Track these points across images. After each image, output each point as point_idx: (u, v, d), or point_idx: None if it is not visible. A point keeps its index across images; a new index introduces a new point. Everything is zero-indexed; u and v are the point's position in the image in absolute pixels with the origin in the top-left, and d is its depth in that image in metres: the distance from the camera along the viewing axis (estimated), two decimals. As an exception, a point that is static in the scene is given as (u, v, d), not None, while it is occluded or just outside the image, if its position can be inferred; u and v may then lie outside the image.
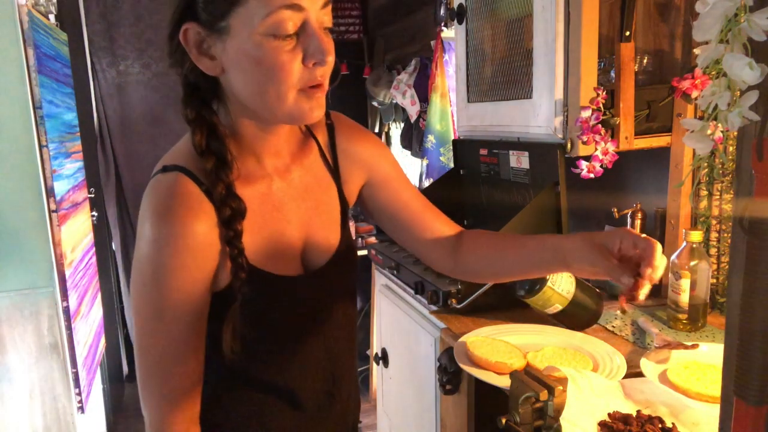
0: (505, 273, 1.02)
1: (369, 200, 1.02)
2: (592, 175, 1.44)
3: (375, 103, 3.54)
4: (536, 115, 1.51)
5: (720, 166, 1.32)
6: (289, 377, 0.92)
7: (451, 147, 2.19)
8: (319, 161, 0.95)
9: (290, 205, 0.89)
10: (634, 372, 1.11)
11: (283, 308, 0.88)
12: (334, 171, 0.96)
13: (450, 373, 1.32)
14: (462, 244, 1.03)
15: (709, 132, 0.61)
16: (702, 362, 1.08)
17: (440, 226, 1.03)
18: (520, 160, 1.65)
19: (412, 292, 1.63)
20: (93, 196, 2.78)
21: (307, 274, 0.91)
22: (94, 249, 2.64)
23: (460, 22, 1.89)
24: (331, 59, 0.77)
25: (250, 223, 0.83)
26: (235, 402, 0.91)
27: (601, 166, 1.43)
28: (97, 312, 2.58)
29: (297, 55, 0.76)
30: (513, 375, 0.91)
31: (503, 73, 1.69)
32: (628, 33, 1.43)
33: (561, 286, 1.29)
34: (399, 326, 1.78)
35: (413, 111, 3.05)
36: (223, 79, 0.81)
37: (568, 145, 1.44)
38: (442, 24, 2.63)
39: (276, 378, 0.91)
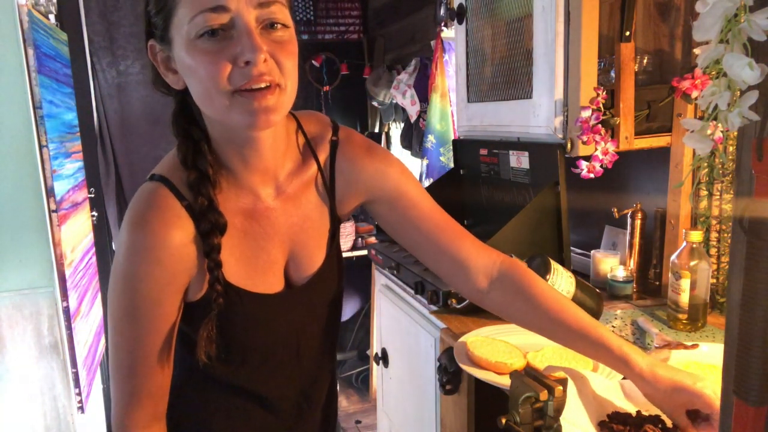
0: (540, 333, 0.97)
1: (380, 218, 0.99)
2: (592, 175, 1.44)
3: (375, 103, 3.54)
4: (536, 115, 1.51)
5: (720, 166, 1.32)
6: (257, 382, 0.93)
7: (451, 147, 2.19)
8: (315, 178, 0.92)
9: (275, 221, 0.88)
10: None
11: (257, 323, 0.89)
12: (330, 189, 0.94)
13: (450, 373, 1.31)
14: (501, 283, 0.96)
15: (709, 132, 0.61)
16: (702, 362, 1.08)
17: (467, 249, 0.96)
18: (520, 160, 1.65)
19: (412, 292, 1.63)
20: (93, 196, 2.77)
21: (286, 291, 0.91)
22: (94, 249, 2.64)
23: (460, 22, 1.89)
24: (261, 57, 0.72)
25: (231, 238, 0.84)
26: (202, 398, 0.93)
27: (601, 166, 1.43)
28: (97, 312, 2.58)
29: (226, 56, 0.73)
30: (513, 375, 0.91)
31: (503, 73, 1.69)
32: (628, 33, 1.43)
33: (561, 286, 1.29)
34: (399, 326, 1.78)
35: (413, 111, 3.05)
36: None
37: (568, 145, 1.44)
38: (442, 24, 2.63)
39: (244, 383, 0.92)
